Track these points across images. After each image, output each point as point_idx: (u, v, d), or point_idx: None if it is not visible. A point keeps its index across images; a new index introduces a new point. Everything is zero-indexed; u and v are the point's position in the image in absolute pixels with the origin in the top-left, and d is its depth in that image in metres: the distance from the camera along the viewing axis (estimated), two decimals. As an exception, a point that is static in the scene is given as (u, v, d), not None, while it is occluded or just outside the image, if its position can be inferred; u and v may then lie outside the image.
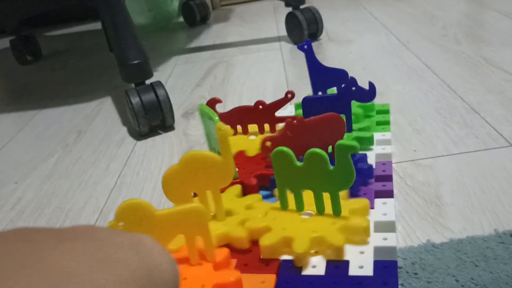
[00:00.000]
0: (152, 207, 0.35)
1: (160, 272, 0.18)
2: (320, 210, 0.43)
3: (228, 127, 0.43)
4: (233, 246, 0.43)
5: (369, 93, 0.58)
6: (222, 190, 0.50)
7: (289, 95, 0.63)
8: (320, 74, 0.65)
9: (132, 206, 0.34)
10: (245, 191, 0.51)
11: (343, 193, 0.46)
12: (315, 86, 0.66)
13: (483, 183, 0.51)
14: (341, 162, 0.41)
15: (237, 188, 0.50)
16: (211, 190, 0.44)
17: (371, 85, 0.58)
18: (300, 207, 0.44)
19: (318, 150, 0.41)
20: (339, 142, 0.40)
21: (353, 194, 0.48)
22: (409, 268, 0.41)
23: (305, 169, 0.42)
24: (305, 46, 0.65)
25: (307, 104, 0.58)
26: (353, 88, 0.58)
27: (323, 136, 0.52)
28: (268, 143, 0.52)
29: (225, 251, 0.39)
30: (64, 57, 1.47)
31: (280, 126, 0.63)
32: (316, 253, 0.41)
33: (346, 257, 0.40)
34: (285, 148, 0.42)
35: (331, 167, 0.41)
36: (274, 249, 0.41)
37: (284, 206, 0.44)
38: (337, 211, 0.43)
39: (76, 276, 0.15)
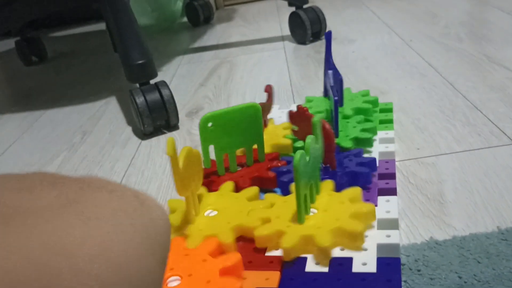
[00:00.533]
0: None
1: (158, 224, 0.20)
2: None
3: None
4: (247, 236, 0.43)
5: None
6: (216, 188, 0.51)
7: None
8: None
9: None
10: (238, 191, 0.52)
11: (355, 195, 0.46)
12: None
13: (486, 181, 0.51)
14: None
15: (230, 184, 0.51)
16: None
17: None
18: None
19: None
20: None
21: (362, 187, 0.48)
22: (412, 265, 0.41)
23: (311, 161, 0.43)
24: (328, 37, 0.67)
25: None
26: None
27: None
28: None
29: (237, 257, 0.39)
30: (69, 59, 1.48)
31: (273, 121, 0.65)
32: (304, 251, 0.42)
33: (349, 254, 0.40)
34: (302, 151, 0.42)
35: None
36: (267, 240, 0.41)
37: (302, 219, 0.44)
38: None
39: (104, 223, 0.17)
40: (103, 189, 0.19)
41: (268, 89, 0.65)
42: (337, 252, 0.41)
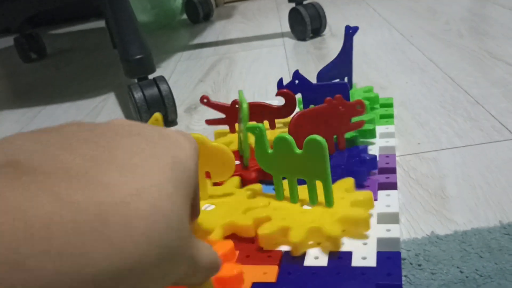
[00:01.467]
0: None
1: (187, 158, 0.23)
2: (294, 199, 0.44)
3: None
4: (239, 235, 0.42)
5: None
6: (221, 182, 0.50)
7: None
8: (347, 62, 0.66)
9: None
10: (244, 184, 0.51)
11: (348, 185, 0.45)
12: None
13: (488, 176, 0.51)
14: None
15: (236, 179, 0.50)
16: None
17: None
18: (294, 197, 0.44)
19: (282, 135, 0.42)
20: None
21: (358, 184, 0.47)
22: (413, 260, 0.40)
23: (274, 155, 0.43)
24: (351, 31, 0.66)
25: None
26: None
27: (324, 125, 0.52)
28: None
29: (230, 244, 0.39)
30: (68, 55, 1.47)
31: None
32: (318, 244, 0.41)
33: (349, 249, 0.40)
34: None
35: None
36: (272, 238, 0.40)
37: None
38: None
39: (139, 166, 0.19)
40: (131, 134, 0.21)
41: (284, 95, 0.61)
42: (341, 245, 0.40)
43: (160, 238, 0.18)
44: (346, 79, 0.67)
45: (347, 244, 0.40)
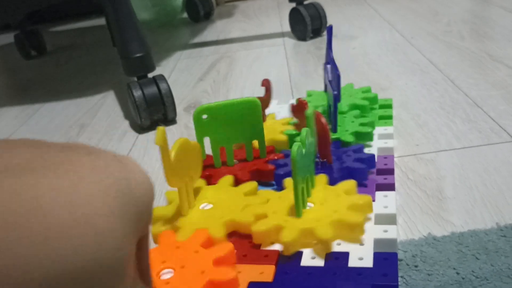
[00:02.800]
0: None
1: (138, 185, 0.20)
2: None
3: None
4: (240, 232, 0.43)
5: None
6: (215, 182, 0.50)
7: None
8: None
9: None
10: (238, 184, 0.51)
11: (350, 187, 0.45)
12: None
13: (486, 177, 0.51)
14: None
15: (230, 178, 0.50)
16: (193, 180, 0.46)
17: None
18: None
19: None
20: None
21: (359, 183, 0.47)
22: (410, 261, 0.40)
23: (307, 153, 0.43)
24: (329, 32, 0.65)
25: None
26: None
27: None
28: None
29: (229, 246, 0.39)
30: (68, 52, 1.47)
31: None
32: (315, 245, 0.41)
33: (346, 249, 0.40)
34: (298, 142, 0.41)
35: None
36: (265, 235, 0.41)
37: (300, 213, 0.43)
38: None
39: (77, 181, 0.17)
40: (82, 151, 0.19)
41: (266, 83, 0.64)
42: (334, 247, 0.40)
43: (83, 257, 0.16)
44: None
45: (344, 245, 0.40)
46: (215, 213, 0.44)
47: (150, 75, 0.77)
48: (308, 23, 1.11)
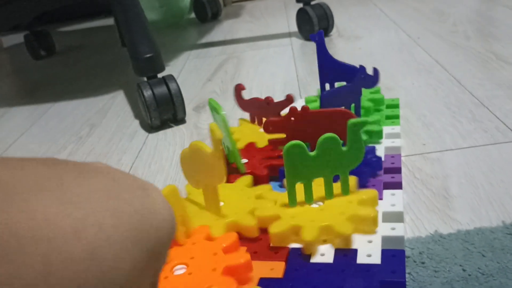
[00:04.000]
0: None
1: (158, 219, 0.19)
2: (330, 195, 0.45)
3: (219, 131, 0.44)
4: (242, 235, 0.44)
5: (374, 78, 0.62)
6: (232, 180, 0.51)
7: (288, 100, 0.62)
8: (330, 66, 0.66)
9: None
10: (256, 182, 0.52)
11: (352, 184, 0.46)
12: (322, 77, 0.66)
13: (491, 176, 0.52)
14: (353, 139, 0.43)
15: (248, 178, 0.51)
16: (207, 184, 0.45)
17: (375, 70, 0.62)
18: (309, 198, 0.45)
19: (330, 134, 0.43)
20: (351, 120, 0.43)
21: (362, 185, 0.48)
22: (417, 258, 0.41)
23: (318, 157, 0.43)
24: (317, 38, 0.65)
25: (325, 100, 0.59)
26: (362, 76, 0.60)
27: (327, 128, 0.53)
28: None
29: (234, 235, 0.40)
30: (77, 53, 1.48)
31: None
32: (325, 241, 0.42)
33: (354, 246, 0.41)
34: (298, 142, 0.42)
35: (344, 148, 0.43)
36: (283, 236, 0.41)
37: (293, 202, 0.44)
38: (346, 191, 0.45)
39: (88, 206, 0.16)
40: (106, 176, 0.19)
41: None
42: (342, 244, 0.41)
43: (104, 272, 0.16)
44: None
45: (352, 242, 0.41)
46: (233, 207, 0.46)
47: (159, 75, 0.78)
48: (315, 23, 1.12)
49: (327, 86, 0.67)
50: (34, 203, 0.15)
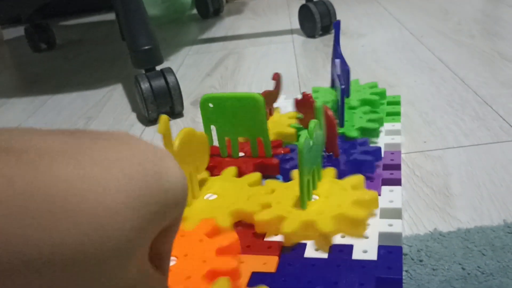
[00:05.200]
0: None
1: (169, 180, 0.20)
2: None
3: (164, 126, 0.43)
4: (246, 221, 0.43)
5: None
6: (218, 173, 0.50)
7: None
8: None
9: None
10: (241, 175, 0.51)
11: (358, 182, 0.45)
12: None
13: (493, 175, 0.50)
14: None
15: (233, 169, 0.50)
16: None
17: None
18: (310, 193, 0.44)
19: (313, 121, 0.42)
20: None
21: (366, 176, 0.47)
22: (415, 255, 0.40)
23: (314, 146, 0.42)
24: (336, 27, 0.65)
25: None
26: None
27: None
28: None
29: (234, 236, 0.39)
30: (77, 46, 1.47)
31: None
32: (306, 237, 0.41)
33: (350, 242, 0.39)
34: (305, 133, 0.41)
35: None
36: (268, 225, 0.40)
37: (304, 204, 0.43)
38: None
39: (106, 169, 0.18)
40: (121, 140, 0.20)
41: (276, 77, 0.64)
42: (338, 239, 0.40)
43: (104, 230, 0.17)
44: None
45: (348, 237, 0.40)
46: (220, 203, 0.44)
47: (158, 68, 0.77)
48: (317, 20, 1.10)
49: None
50: (56, 166, 0.16)
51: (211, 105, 0.52)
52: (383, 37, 1.07)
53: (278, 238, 0.41)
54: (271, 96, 0.64)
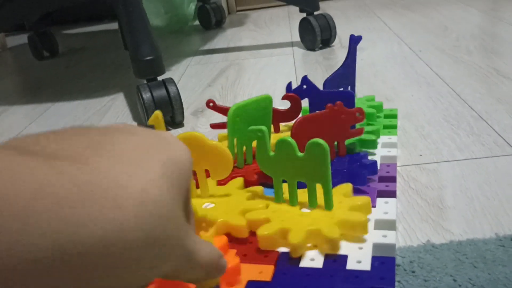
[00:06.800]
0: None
1: (181, 157, 0.24)
2: (293, 202, 0.45)
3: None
4: (233, 235, 0.43)
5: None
6: (224, 183, 0.51)
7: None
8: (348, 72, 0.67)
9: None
10: (247, 186, 0.52)
11: (347, 190, 0.46)
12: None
13: (487, 189, 0.51)
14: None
15: (239, 180, 0.51)
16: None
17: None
18: (293, 200, 0.45)
19: (286, 137, 0.43)
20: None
21: (358, 189, 0.48)
22: (407, 266, 0.41)
23: (277, 157, 0.43)
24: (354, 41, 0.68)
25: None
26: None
27: (330, 128, 0.53)
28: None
29: (223, 239, 0.40)
30: (79, 54, 1.49)
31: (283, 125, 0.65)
32: (316, 246, 0.41)
33: (345, 252, 0.40)
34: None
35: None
36: (271, 239, 0.41)
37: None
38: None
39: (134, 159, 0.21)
40: (128, 133, 0.23)
41: (286, 97, 0.63)
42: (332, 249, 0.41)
43: (148, 220, 0.19)
44: (349, 88, 0.67)
45: (343, 248, 0.41)
46: (213, 213, 0.45)
47: (159, 78, 0.78)
48: (317, 34, 1.12)
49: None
50: (99, 162, 0.20)
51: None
52: (382, 51, 1.09)
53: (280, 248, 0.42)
54: (279, 114, 0.64)
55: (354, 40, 0.66)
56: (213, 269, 0.27)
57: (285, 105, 0.64)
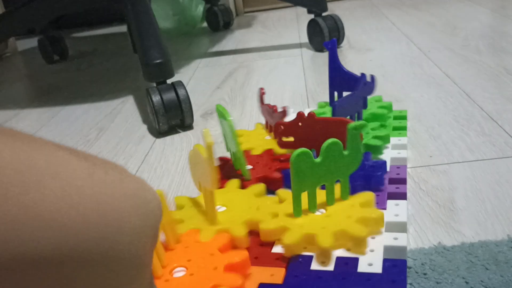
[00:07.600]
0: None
1: (153, 202, 0.23)
2: (332, 201, 0.45)
3: (210, 137, 0.44)
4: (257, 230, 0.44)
5: (371, 84, 0.64)
6: (222, 185, 0.51)
7: (283, 113, 0.63)
8: (338, 74, 0.66)
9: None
10: (270, 185, 0.52)
11: (366, 199, 0.45)
12: (332, 85, 0.67)
13: (498, 190, 0.51)
14: (353, 143, 0.44)
15: (236, 182, 0.52)
16: (205, 188, 0.45)
17: (373, 77, 0.64)
18: (313, 206, 0.45)
19: (333, 139, 0.43)
20: (351, 124, 0.44)
21: (376, 189, 0.48)
22: (419, 269, 0.41)
23: (323, 163, 0.43)
24: (329, 45, 0.66)
25: (339, 107, 0.59)
26: (364, 83, 0.62)
27: (332, 135, 0.53)
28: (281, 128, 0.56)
29: (226, 236, 0.41)
30: (89, 58, 1.50)
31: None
32: (339, 246, 0.41)
33: (356, 255, 0.40)
34: (304, 149, 0.42)
35: (345, 152, 0.44)
36: (296, 247, 0.41)
37: (298, 213, 0.44)
38: (345, 195, 0.45)
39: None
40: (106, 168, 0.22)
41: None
42: (343, 252, 0.41)
43: (108, 232, 0.19)
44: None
45: (354, 250, 0.41)
46: (232, 214, 0.45)
47: (169, 81, 0.79)
48: (326, 35, 1.12)
49: (336, 94, 0.67)
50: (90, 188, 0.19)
51: None
52: (391, 51, 1.09)
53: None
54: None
55: (329, 46, 0.67)
56: None
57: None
